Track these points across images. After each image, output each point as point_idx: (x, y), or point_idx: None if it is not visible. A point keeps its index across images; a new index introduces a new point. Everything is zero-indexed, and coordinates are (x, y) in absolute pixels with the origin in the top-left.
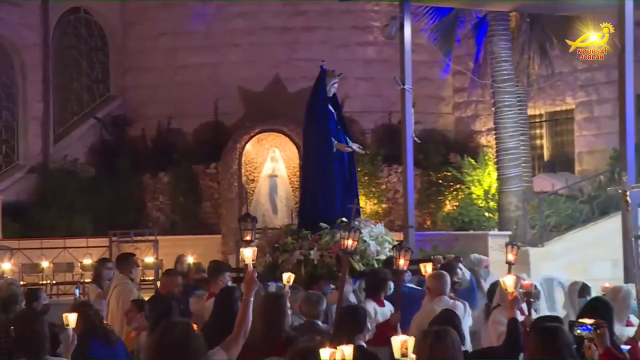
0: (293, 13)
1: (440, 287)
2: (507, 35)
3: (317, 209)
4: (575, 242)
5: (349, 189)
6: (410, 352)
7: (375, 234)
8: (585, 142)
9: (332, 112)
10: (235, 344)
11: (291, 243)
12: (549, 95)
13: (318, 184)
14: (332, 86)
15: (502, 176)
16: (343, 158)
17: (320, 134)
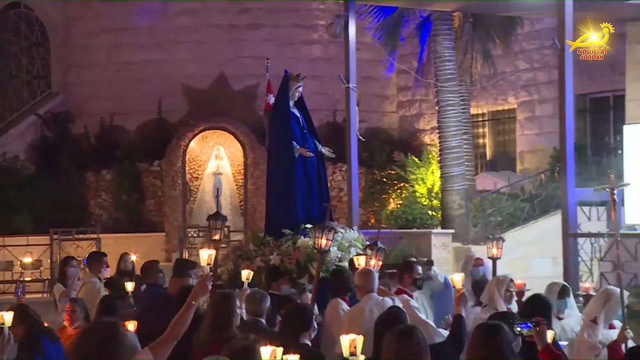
0: (238, 11)
1: (368, 284)
2: (451, 35)
3: (279, 215)
4: (517, 240)
5: (316, 194)
6: (359, 351)
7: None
8: (527, 141)
9: (298, 116)
10: (165, 346)
11: (253, 250)
12: (492, 94)
13: (280, 190)
14: (296, 90)
15: (445, 175)
16: (308, 163)
17: (281, 139)
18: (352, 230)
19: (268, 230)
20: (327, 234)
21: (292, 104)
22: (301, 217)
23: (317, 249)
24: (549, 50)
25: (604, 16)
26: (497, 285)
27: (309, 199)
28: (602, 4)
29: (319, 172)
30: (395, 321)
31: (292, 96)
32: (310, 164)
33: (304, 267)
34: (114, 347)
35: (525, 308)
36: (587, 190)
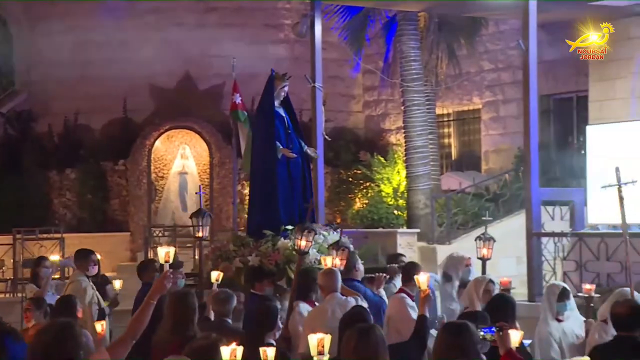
0: (205, 10)
1: (331, 284)
2: (416, 35)
3: (261, 216)
4: None
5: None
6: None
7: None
8: (492, 141)
9: (283, 116)
10: (123, 345)
11: (233, 250)
12: (457, 94)
13: (262, 190)
14: (281, 90)
15: (410, 174)
16: (292, 164)
17: (265, 139)
18: (334, 233)
19: (249, 231)
20: (307, 235)
21: (278, 103)
22: (283, 218)
23: (297, 250)
24: (513, 51)
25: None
26: (475, 286)
27: (291, 200)
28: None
29: (304, 173)
30: (359, 320)
31: (278, 96)
32: (295, 165)
33: (283, 269)
34: (68, 346)
35: (490, 307)
36: (550, 190)
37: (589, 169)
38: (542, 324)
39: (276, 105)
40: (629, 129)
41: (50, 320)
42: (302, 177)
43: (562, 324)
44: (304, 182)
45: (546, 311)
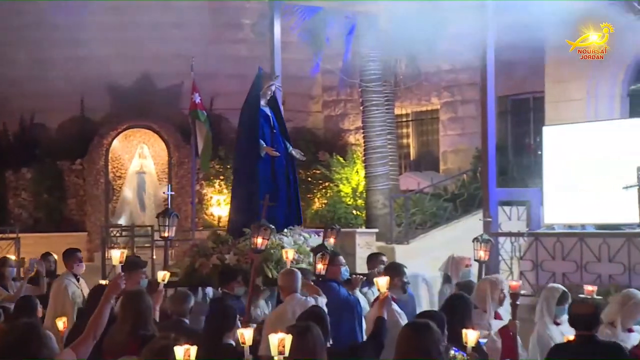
0: (164, 8)
1: (291, 285)
2: (376, 35)
3: (242, 214)
4: (440, 239)
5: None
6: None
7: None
8: (450, 142)
9: (268, 115)
10: (85, 345)
11: (211, 247)
12: (415, 95)
13: (243, 189)
14: (268, 89)
15: (369, 174)
16: (277, 164)
17: (248, 136)
18: (316, 236)
19: (230, 229)
20: (264, 232)
21: (264, 102)
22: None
23: (252, 248)
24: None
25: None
26: (491, 288)
27: (275, 200)
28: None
29: (288, 174)
30: (316, 320)
31: (264, 94)
32: (279, 165)
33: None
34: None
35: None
36: (507, 190)
37: (545, 170)
38: (541, 328)
39: (262, 104)
40: (584, 130)
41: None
42: (286, 178)
43: (560, 328)
44: (289, 182)
45: (544, 315)
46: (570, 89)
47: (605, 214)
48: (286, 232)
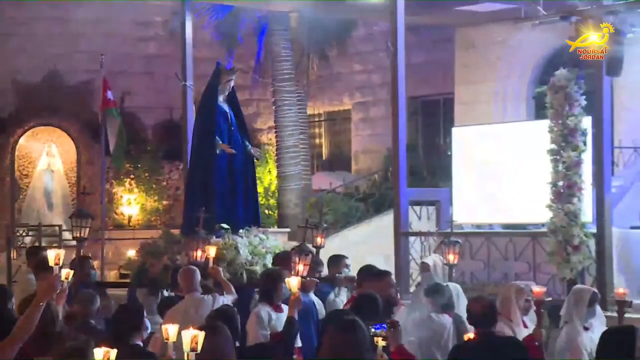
0: (73, 4)
1: (188, 283)
2: (288, 35)
3: (195, 213)
4: (352, 238)
5: (241, 194)
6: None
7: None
8: (361, 142)
9: (226, 111)
10: (10, 347)
11: (163, 247)
12: (328, 95)
13: (198, 187)
14: (226, 84)
15: (282, 174)
16: (235, 162)
17: (203, 133)
18: (274, 238)
19: (184, 228)
20: (202, 244)
21: (222, 98)
22: (218, 216)
23: (191, 262)
24: (383, 52)
25: (436, 21)
26: (516, 295)
27: (232, 199)
28: (433, 10)
29: (247, 172)
30: (226, 319)
31: (222, 90)
32: (237, 163)
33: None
34: None
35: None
36: (418, 190)
37: (454, 170)
38: (572, 332)
39: (220, 100)
40: (492, 131)
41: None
42: (244, 176)
43: (588, 333)
44: (246, 181)
45: (574, 319)
46: (479, 91)
47: (512, 214)
48: (242, 233)
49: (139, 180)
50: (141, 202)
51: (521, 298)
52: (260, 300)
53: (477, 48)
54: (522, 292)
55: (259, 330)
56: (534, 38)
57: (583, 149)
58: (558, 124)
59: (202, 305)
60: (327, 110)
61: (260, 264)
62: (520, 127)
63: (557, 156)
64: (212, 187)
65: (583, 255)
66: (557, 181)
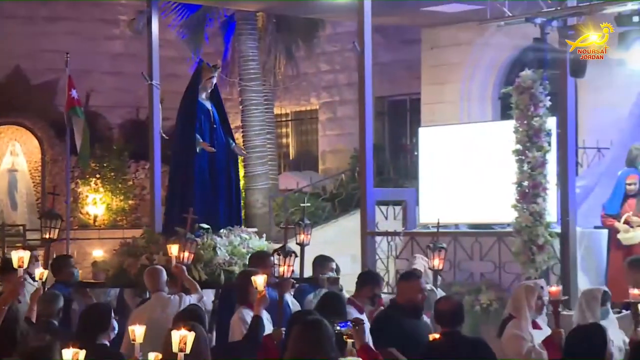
0: (37, 2)
1: (154, 284)
2: (254, 34)
3: (176, 212)
4: (318, 238)
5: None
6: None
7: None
8: (328, 142)
9: (208, 109)
10: None
11: (142, 247)
12: (295, 95)
13: (178, 186)
14: (208, 81)
15: (248, 174)
16: (217, 160)
17: (183, 131)
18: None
19: (164, 227)
20: (189, 246)
21: (205, 96)
22: (198, 215)
23: (178, 262)
24: (349, 52)
25: (402, 21)
26: (527, 294)
27: (213, 198)
28: (400, 10)
29: (229, 171)
30: (193, 318)
31: (204, 87)
32: (219, 162)
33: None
34: None
35: (320, 305)
36: (385, 190)
37: (421, 170)
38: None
39: (202, 98)
40: (458, 132)
41: None
42: (227, 175)
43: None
44: (229, 180)
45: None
46: (445, 91)
47: (478, 214)
48: (223, 232)
49: (105, 179)
50: (107, 202)
51: (532, 297)
52: (239, 302)
53: (443, 48)
54: (532, 291)
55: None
56: (499, 39)
57: (548, 149)
58: (523, 125)
59: (168, 305)
60: (294, 110)
61: (239, 265)
62: (486, 127)
63: (522, 156)
64: (192, 186)
65: (547, 254)
66: (522, 181)
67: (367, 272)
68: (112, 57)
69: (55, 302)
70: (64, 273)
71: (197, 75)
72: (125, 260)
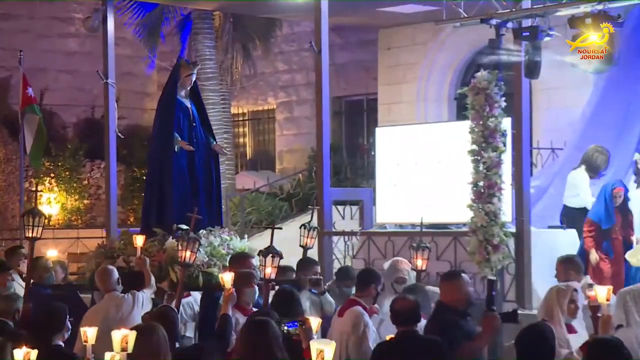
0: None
1: (105, 284)
2: (211, 34)
3: (154, 212)
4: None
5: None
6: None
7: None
8: (286, 142)
9: (188, 107)
10: None
11: (118, 249)
12: (252, 94)
13: (156, 185)
14: (187, 78)
15: None
16: (197, 159)
17: (161, 129)
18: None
19: (142, 228)
20: (192, 246)
21: (184, 94)
22: (176, 216)
23: (181, 262)
24: (307, 52)
25: (359, 22)
26: (558, 296)
27: (193, 198)
28: (356, 11)
29: (210, 171)
30: (163, 320)
31: (183, 85)
32: (199, 161)
33: (165, 270)
34: None
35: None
36: (341, 190)
37: (377, 170)
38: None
39: (182, 96)
40: (414, 132)
41: None
42: (207, 174)
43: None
44: (210, 179)
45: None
46: (402, 92)
47: (434, 214)
48: (202, 233)
49: (59, 178)
50: (61, 201)
51: (564, 300)
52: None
53: (399, 49)
54: (563, 294)
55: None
56: (455, 40)
57: (503, 149)
58: (479, 125)
59: (122, 304)
60: (251, 110)
61: (219, 266)
62: (442, 127)
63: (477, 157)
64: (170, 186)
65: (502, 254)
66: (478, 181)
67: (367, 270)
68: (67, 55)
69: (13, 303)
70: (35, 275)
71: (175, 72)
72: (101, 262)
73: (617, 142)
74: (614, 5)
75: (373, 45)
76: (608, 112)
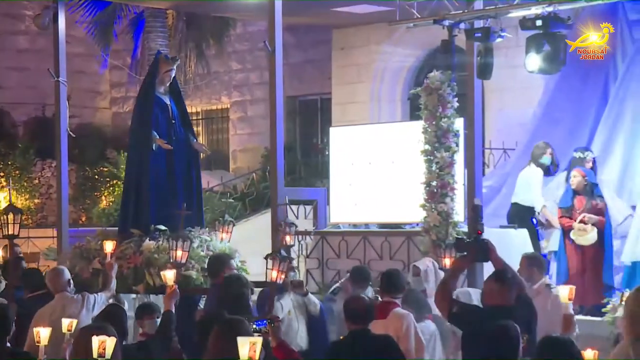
0: None
1: (56, 284)
2: (165, 32)
3: (131, 213)
4: None
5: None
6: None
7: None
8: (239, 141)
9: (167, 104)
10: None
11: (94, 250)
12: (205, 93)
13: (133, 185)
14: (166, 74)
15: None
16: (176, 158)
17: (139, 126)
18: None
19: (119, 228)
20: (184, 245)
21: (163, 90)
22: (154, 216)
23: (173, 262)
24: (261, 52)
25: (313, 21)
26: None
27: (171, 198)
28: (310, 10)
29: (190, 169)
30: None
31: (162, 81)
32: (179, 159)
33: (141, 273)
34: None
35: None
36: (295, 190)
37: (331, 170)
38: None
39: (161, 92)
40: (368, 132)
41: None
42: (186, 173)
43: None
44: (189, 178)
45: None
46: (356, 92)
47: (387, 214)
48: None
49: (10, 177)
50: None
51: None
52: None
53: (353, 49)
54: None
55: None
56: (408, 40)
57: (455, 149)
58: (432, 125)
59: (71, 304)
60: (205, 109)
61: (197, 269)
62: (396, 127)
63: (430, 157)
64: (148, 186)
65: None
66: (431, 181)
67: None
68: (17, 52)
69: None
70: (14, 276)
71: (154, 68)
72: (77, 263)
73: (569, 141)
74: (563, 7)
75: (327, 45)
76: (559, 112)
